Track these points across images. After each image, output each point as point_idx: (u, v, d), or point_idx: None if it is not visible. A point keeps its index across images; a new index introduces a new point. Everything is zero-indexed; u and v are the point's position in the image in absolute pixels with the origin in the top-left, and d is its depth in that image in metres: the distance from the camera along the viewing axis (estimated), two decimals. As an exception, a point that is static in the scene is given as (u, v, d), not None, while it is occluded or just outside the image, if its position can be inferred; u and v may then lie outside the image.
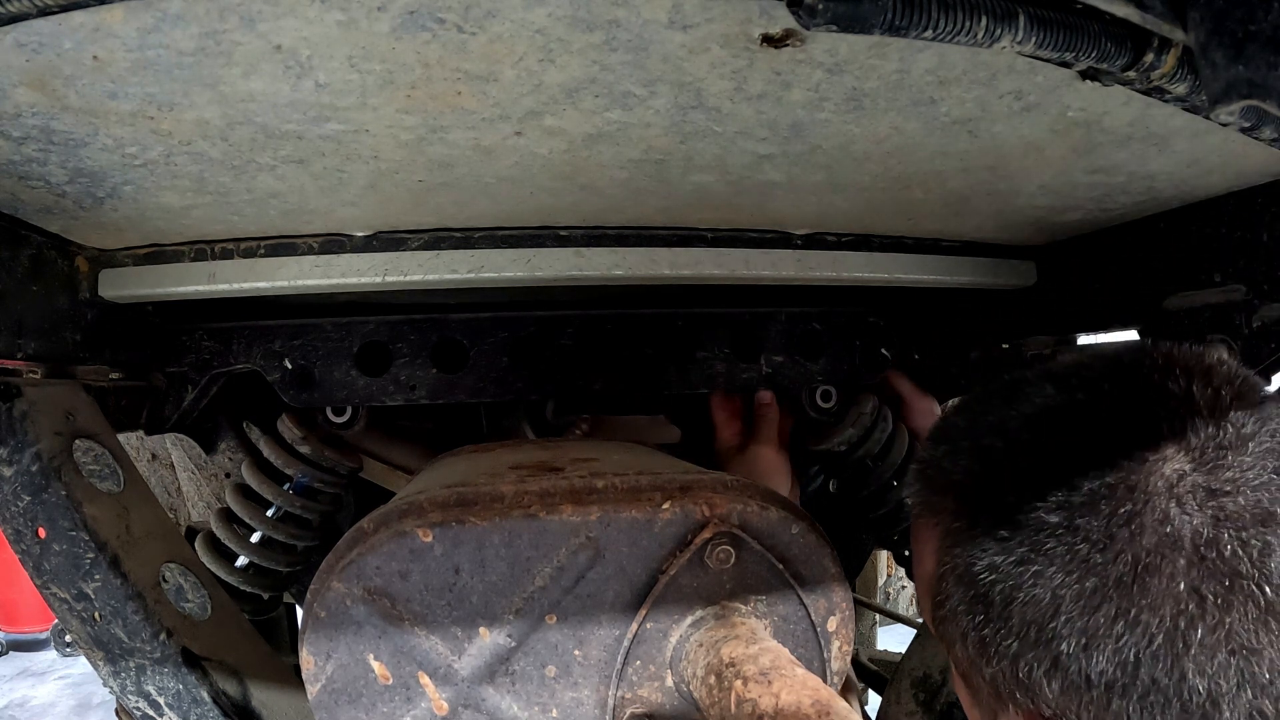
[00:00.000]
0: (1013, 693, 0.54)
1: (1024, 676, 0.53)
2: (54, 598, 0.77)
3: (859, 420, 1.04)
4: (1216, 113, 0.36)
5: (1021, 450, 0.56)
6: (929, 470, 0.63)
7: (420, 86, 0.46)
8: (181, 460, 1.25)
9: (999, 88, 0.49)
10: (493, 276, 0.77)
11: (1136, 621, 0.49)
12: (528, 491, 0.55)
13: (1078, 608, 0.50)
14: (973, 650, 0.56)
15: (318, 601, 0.54)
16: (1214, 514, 0.48)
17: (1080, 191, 0.71)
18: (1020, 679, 0.53)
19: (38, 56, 0.40)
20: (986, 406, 0.61)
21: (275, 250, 0.77)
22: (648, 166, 0.61)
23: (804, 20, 0.35)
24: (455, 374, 0.95)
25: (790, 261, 0.83)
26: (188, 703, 0.77)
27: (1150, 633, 0.48)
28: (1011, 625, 0.53)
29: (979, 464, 0.58)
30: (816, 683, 0.47)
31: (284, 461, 0.97)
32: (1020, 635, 0.52)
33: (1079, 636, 0.50)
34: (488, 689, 0.55)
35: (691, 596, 0.56)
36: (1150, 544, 0.49)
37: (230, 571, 0.99)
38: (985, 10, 0.36)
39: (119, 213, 0.66)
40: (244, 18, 0.38)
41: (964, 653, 0.57)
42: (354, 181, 0.61)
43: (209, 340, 0.93)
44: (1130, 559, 0.49)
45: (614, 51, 0.43)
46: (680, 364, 0.98)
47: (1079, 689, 0.51)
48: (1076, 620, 0.50)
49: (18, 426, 0.74)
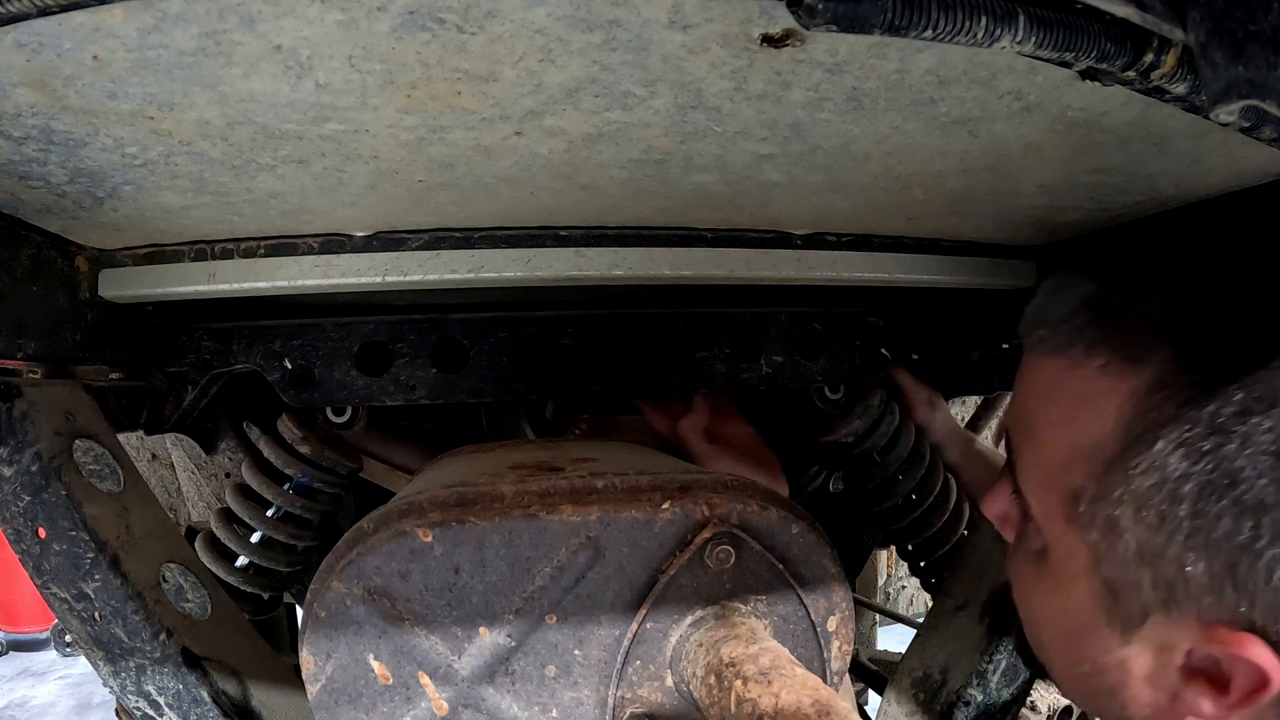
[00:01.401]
0: (1211, 597, 0.45)
1: (1255, 577, 0.43)
2: (54, 598, 0.77)
3: (866, 412, 1.04)
4: (1216, 113, 0.36)
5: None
6: (1113, 306, 0.51)
7: (420, 86, 0.46)
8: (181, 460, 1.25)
9: (999, 88, 0.49)
10: (493, 276, 0.77)
11: None
12: (528, 491, 0.55)
13: None
14: (1171, 543, 0.45)
15: (318, 601, 0.54)
16: None
17: (1080, 191, 0.71)
18: (1242, 580, 0.44)
19: (38, 56, 0.40)
20: (1171, 264, 0.50)
21: (275, 250, 0.77)
22: (648, 166, 0.61)
23: (804, 20, 0.35)
24: (455, 374, 0.95)
25: (790, 261, 0.83)
26: (188, 703, 0.77)
27: None
28: (1263, 513, 0.43)
29: (1221, 303, 0.47)
30: (816, 683, 0.47)
31: (284, 461, 0.98)
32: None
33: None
34: (488, 689, 0.55)
35: (691, 596, 0.56)
36: None
37: (230, 571, 0.99)
38: (985, 10, 0.36)
39: (119, 213, 0.66)
40: (244, 18, 0.38)
41: (1141, 544, 0.47)
42: (354, 181, 0.61)
43: (209, 340, 0.93)
44: None
45: (614, 51, 0.43)
46: (680, 364, 0.98)
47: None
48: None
49: (18, 426, 0.74)
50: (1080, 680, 0.55)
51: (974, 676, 0.91)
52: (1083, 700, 0.57)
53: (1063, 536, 0.53)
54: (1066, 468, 0.51)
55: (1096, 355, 0.50)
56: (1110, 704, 0.54)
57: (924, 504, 1.11)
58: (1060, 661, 0.58)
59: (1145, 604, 0.49)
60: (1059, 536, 0.53)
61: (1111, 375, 0.49)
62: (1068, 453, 0.51)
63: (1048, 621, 0.57)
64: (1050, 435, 0.53)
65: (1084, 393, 0.50)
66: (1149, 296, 0.50)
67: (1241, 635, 0.45)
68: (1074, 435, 0.51)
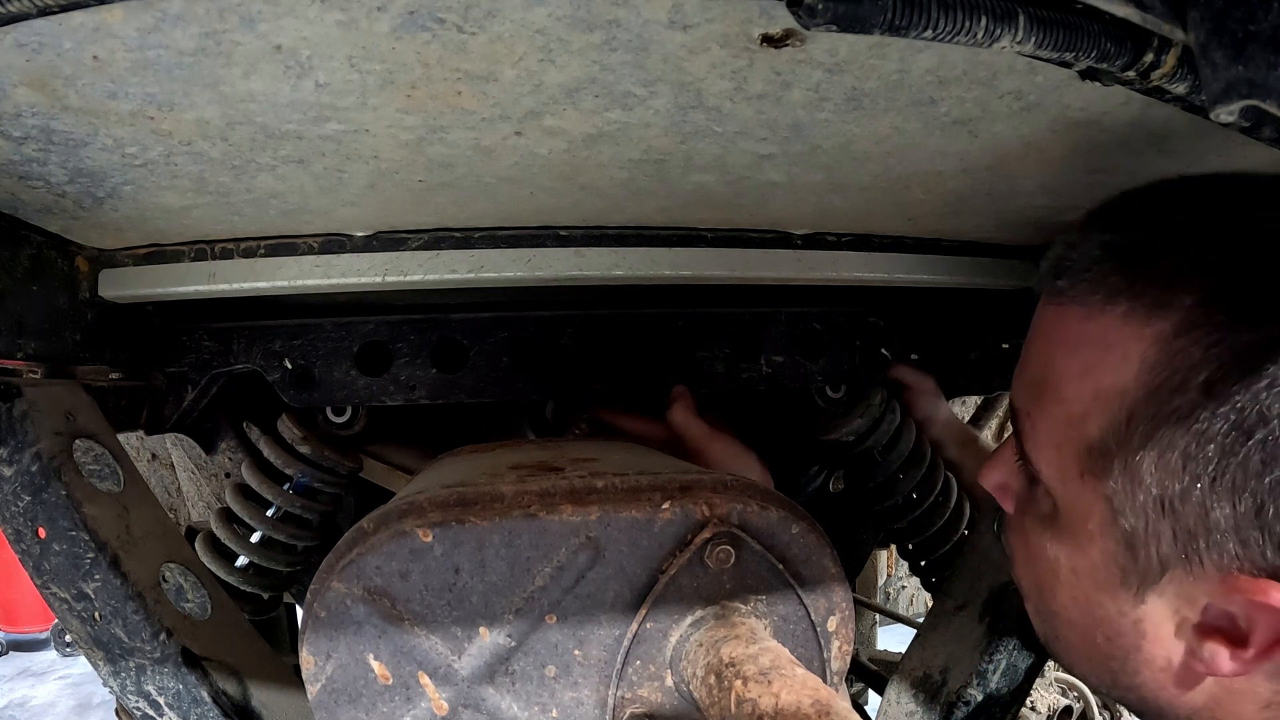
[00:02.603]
0: (1233, 543, 0.45)
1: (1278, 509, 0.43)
2: (54, 598, 0.77)
3: (867, 411, 1.05)
4: (1216, 113, 0.36)
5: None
6: (1136, 252, 0.50)
7: (420, 86, 0.46)
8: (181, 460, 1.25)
9: (999, 88, 0.49)
10: (493, 276, 0.77)
11: None
12: (528, 491, 0.55)
13: None
14: (1196, 489, 0.45)
15: (318, 601, 0.54)
16: None
17: (1080, 191, 0.71)
18: (1268, 523, 0.43)
19: (38, 56, 0.40)
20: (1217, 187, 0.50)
21: (275, 250, 0.77)
22: (648, 166, 0.61)
23: (804, 20, 0.35)
24: (455, 374, 0.95)
25: (790, 261, 0.83)
26: (188, 703, 0.77)
27: None
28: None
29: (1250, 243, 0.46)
30: (816, 683, 0.47)
31: (284, 461, 0.98)
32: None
33: None
34: (488, 689, 0.55)
35: (691, 596, 0.56)
36: None
37: (230, 571, 0.99)
38: (985, 10, 0.36)
39: (119, 213, 0.66)
40: (244, 18, 0.38)
41: (1165, 492, 0.46)
42: (354, 181, 0.61)
43: (209, 340, 0.93)
44: None
45: (614, 51, 0.43)
46: (680, 364, 0.98)
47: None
48: None
49: (18, 426, 0.74)
50: (1092, 649, 0.54)
51: (974, 676, 0.91)
52: (1094, 672, 0.56)
53: (1077, 494, 0.52)
54: (1084, 419, 0.50)
55: (1118, 303, 0.49)
56: (1124, 671, 0.53)
57: (924, 503, 1.11)
58: (1071, 629, 0.56)
59: (1164, 557, 0.48)
60: (1073, 495, 0.52)
61: (1135, 322, 0.48)
62: (1086, 403, 0.50)
63: (1057, 589, 0.55)
64: (1067, 387, 0.51)
65: (1105, 341, 0.49)
66: (1176, 243, 0.49)
67: (1263, 582, 0.44)
68: (1094, 384, 0.50)
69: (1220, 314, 0.45)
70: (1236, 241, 0.47)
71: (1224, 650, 0.47)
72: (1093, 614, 0.53)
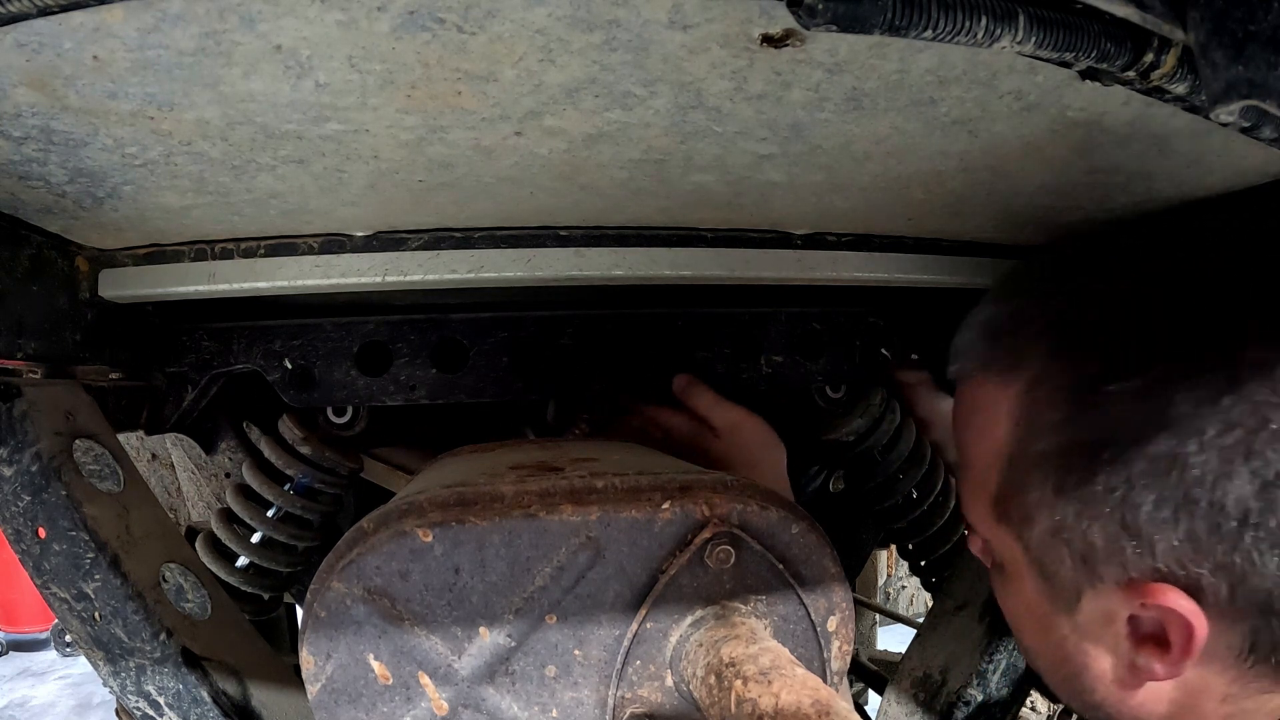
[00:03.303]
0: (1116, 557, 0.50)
1: (1143, 524, 0.49)
2: (54, 598, 0.77)
3: (867, 411, 1.05)
4: (1216, 113, 0.36)
5: (1140, 280, 0.53)
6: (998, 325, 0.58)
7: (420, 86, 0.46)
8: (181, 460, 1.25)
9: (999, 88, 0.49)
10: (493, 276, 0.77)
11: (1276, 434, 0.45)
12: (528, 491, 0.55)
13: (1216, 425, 0.47)
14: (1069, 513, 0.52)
15: (318, 601, 0.54)
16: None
17: (1080, 191, 0.71)
18: (1136, 528, 0.49)
19: (38, 56, 0.40)
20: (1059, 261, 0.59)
21: (275, 250, 0.77)
22: (648, 166, 0.61)
23: (804, 20, 0.35)
24: (455, 374, 0.95)
25: (790, 261, 0.83)
26: (188, 703, 0.77)
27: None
28: (1133, 464, 0.49)
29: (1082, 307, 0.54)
30: (816, 683, 0.47)
31: (284, 462, 0.98)
32: (1148, 472, 0.48)
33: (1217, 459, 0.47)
34: (488, 689, 0.55)
35: (691, 596, 0.56)
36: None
37: (230, 572, 0.99)
38: (985, 10, 0.36)
39: (119, 213, 0.66)
40: (244, 18, 0.38)
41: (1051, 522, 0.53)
42: (354, 181, 0.61)
43: (209, 340, 0.93)
44: (1268, 374, 0.47)
45: (614, 51, 0.43)
46: (680, 364, 0.98)
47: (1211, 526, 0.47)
48: (1215, 440, 0.47)
49: (18, 426, 0.74)
50: (1060, 675, 0.59)
51: (974, 676, 0.91)
52: (1070, 697, 0.60)
53: (1001, 540, 0.59)
54: (986, 475, 0.58)
55: (990, 371, 0.58)
56: (1085, 690, 0.57)
57: (924, 503, 1.11)
58: (1042, 660, 0.61)
59: (1074, 580, 0.54)
60: (999, 542, 0.59)
61: (1001, 384, 0.56)
62: (986, 461, 0.58)
63: (1024, 625, 0.61)
64: (970, 451, 0.60)
65: (985, 405, 0.58)
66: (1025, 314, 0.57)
67: (1156, 585, 0.50)
68: (985, 444, 0.58)
69: (1058, 366, 0.53)
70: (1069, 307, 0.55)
71: (1154, 657, 0.52)
72: (1049, 643, 0.58)
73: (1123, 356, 0.50)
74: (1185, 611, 0.49)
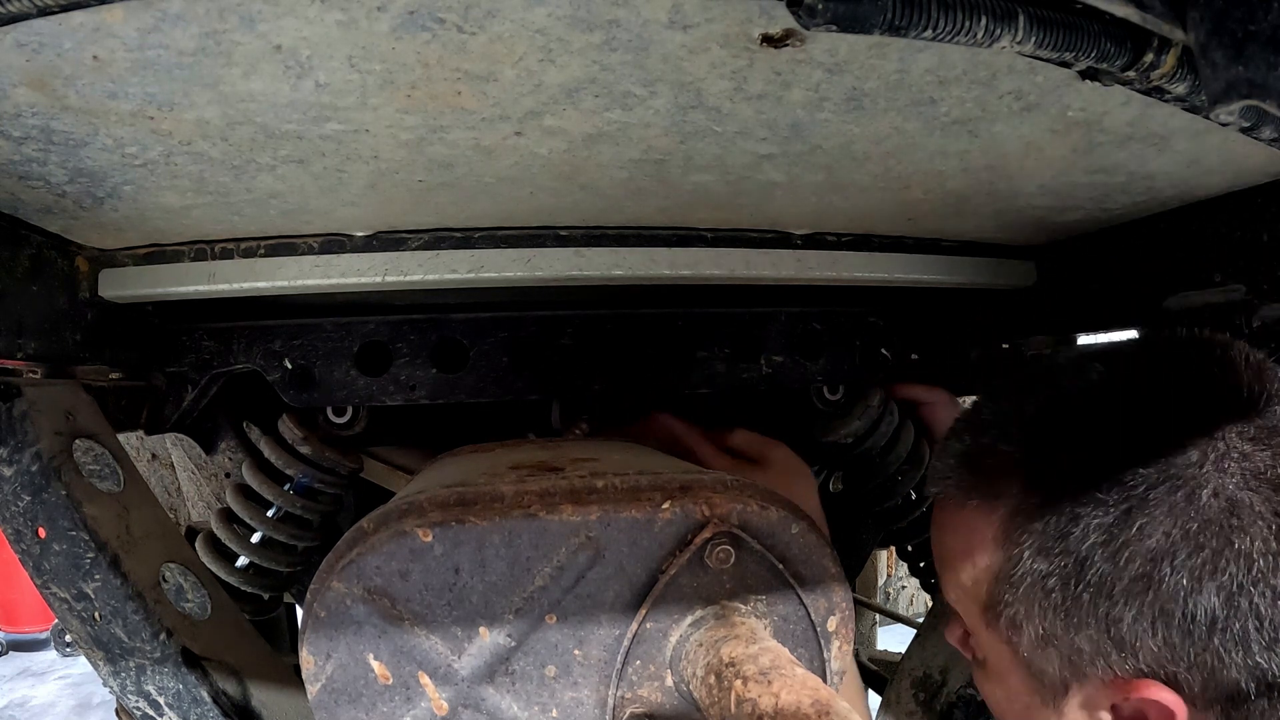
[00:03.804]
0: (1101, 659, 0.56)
1: (1125, 634, 0.55)
2: (54, 598, 0.77)
3: (866, 413, 1.04)
4: (1216, 113, 0.37)
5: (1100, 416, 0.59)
6: (977, 457, 0.64)
7: (420, 86, 0.46)
8: (181, 460, 1.25)
9: (999, 88, 0.49)
10: (493, 276, 0.77)
11: (1238, 553, 0.53)
12: (528, 491, 0.55)
13: (1185, 549, 0.53)
14: (1057, 625, 0.58)
15: (318, 601, 0.54)
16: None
17: (1080, 191, 0.71)
18: (1119, 638, 0.55)
19: (38, 56, 0.40)
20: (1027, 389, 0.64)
21: (275, 250, 0.77)
22: (648, 166, 0.61)
23: (804, 20, 0.35)
24: (455, 374, 0.95)
25: (790, 261, 0.83)
26: (188, 703, 0.77)
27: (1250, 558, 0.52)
28: (1113, 585, 0.55)
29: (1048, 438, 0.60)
30: (816, 683, 0.47)
31: (284, 462, 0.97)
32: (1127, 591, 0.55)
33: (1188, 578, 0.53)
34: (488, 689, 0.55)
35: (691, 596, 0.56)
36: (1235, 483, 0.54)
37: (230, 571, 0.99)
38: (985, 10, 0.36)
39: (119, 213, 0.66)
40: (244, 18, 0.38)
41: (1039, 632, 0.59)
42: (354, 181, 0.61)
43: (209, 340, 0.93)
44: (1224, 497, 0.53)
45: (614, 51, 0.43)
46: (680, 364, 0.98)
47: (1184, 633, 0.54)
48: (1185, 562, 0.53)
49: (18, 426, 0.74)
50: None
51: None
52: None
53: (990, 641, 0.65)
54: (974, 588, 0.64)
55: (971, 498, 0.64)
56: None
57: (924, 504, 1.11)
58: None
59: (1062, 678, 0.60)
60: (987, 642, 0.65)
61: (983, 512, 0.62)
62: (973, 575, 0.64)
63: (1006, 715, 0.68)
64: (958, 564, 0.66)
65: (969, 528, 0.64)
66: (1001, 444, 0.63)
67: (1140, 681, 0.56)
68: (971, 562, 0.64)
69: (1035, 499, 0.59)
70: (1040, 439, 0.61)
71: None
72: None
73: (1093, 493, 0.56)
74: (1168, 703, 0.55)
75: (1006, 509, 0.61)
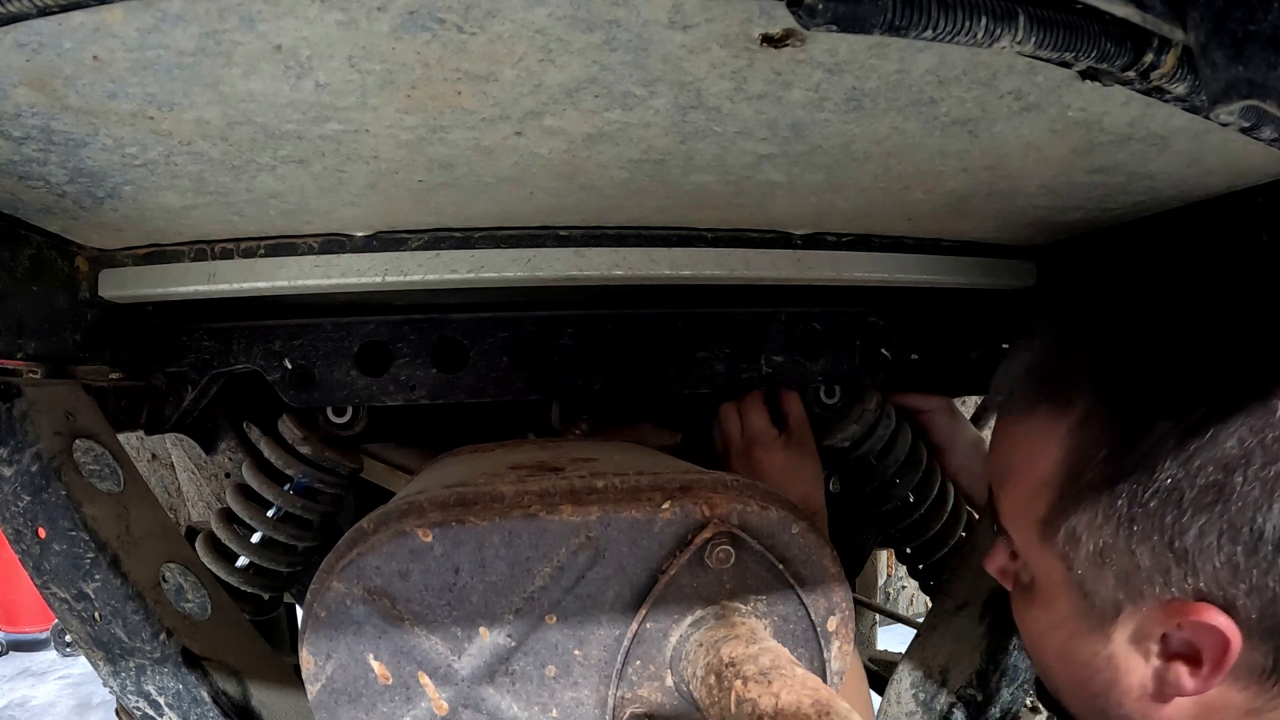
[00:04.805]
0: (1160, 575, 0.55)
1: (1190, 547, 0.53)
2: (54, 598, 0.77)
3: (863, 416, 1.04)
4: (1216, 113, 0.36)
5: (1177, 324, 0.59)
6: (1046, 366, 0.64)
7: (420, 86, 0.46)
8: (181, 460, 1.25)
9: (999, 88, 0.49)
10: (493, 276, 0.77)
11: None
12: (528, 491, 0.55)
13: (1261, 458, 0.52)
14: (1119, 538, 0.56)
15: (318, 601, 0.54)
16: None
17: (1080, 191, 0.71)
18: (1181, 552, 0.54)
19: (38, 56, 0.40)
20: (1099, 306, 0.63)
21: (275, 250, 0.77)
22: (648, 166, 0.61)
23: (804, 20, 0.35)
24: (455, 374, 0.95)
25: (790, 261, 0.83)
26: (188, 703, 0.77)
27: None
28: (1182, 494, 0.53)
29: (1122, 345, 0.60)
30: (816, 683, 0.47)
31: (284, 462, 0.97)
32: (1196, 502, 0.53)
33: (1260, 489, 0.52)
34: (488, 689, 0.55)
35: (691, 596, 0.56)
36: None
37: (230, 572, 0.99)
38: (985, 10, 0.36)
39: (119, 213, 0.66)
40: (244, 18, 0.38)
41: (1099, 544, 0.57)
42: (354, 181, 0.61)
43: (209, 340, 0.93)
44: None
45: (614, 51, 0.43)
46: (680, 364, 0.98)
47: (1249, 551, 0.52)
48: (1259, 473, 0.52)
49: (18, 426, 0.74)
50: (1083, 692, 0.63)
51: (974, 676, 0.91)
52: (1090, 714, 0.64)
53: (1040, 559, 0.63)
54: (1033, 499, 0.62)
55: (1038, 409, 0.63)
56: (1110, 705, 0.61)
57: (922, 507, 1.11)
58: (1063, 677, 0.65)
59: (1114, 599, 0.58)
60: (1037, 560, 0.63)
61: (1051, 420, 0.61)
62: (1032, 487, 0.62)
63: (1046, 644, 0.65)
64: (1018, 476, 0.64)
65: (1035, 438, 0.63)
66: (1072, 355, 0.63)
67: (1197, 604, 0.54)
68: (1034, 472, 0.62)
69: (1107, 404, 0.58)
70: (1113, 353, 0.61)
71: (1185, 670, 0.56)
72: (1075, 660, 0.62)
73: (1168, 399, 0.55)
74: (1224, 628, 0.53)
75: (1075, 417, 0.59)
